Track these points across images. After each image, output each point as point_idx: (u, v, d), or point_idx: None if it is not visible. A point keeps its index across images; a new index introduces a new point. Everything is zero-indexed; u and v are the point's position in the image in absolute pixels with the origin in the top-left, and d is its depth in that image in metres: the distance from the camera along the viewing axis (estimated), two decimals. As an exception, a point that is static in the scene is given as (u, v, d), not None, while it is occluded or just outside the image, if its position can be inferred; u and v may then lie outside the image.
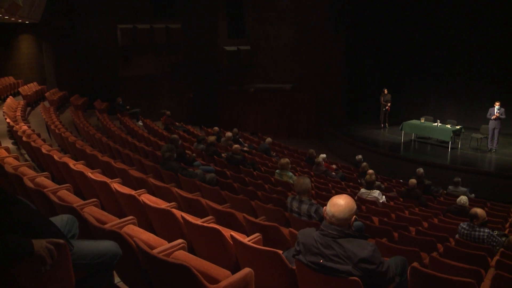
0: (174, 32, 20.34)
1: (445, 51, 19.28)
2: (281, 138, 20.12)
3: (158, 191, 5.95)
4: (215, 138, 11.70)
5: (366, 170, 11.32)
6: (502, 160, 14.64)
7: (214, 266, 3.02)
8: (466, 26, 18.36)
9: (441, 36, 19.19)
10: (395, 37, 20.45)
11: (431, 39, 19.55)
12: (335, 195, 3.16)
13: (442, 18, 19.00)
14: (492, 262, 5.18)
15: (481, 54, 18.10)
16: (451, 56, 19.09)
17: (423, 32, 19.66)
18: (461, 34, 18.57)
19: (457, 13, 18.50)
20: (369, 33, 20.72)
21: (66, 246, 2.54)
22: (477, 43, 18.17)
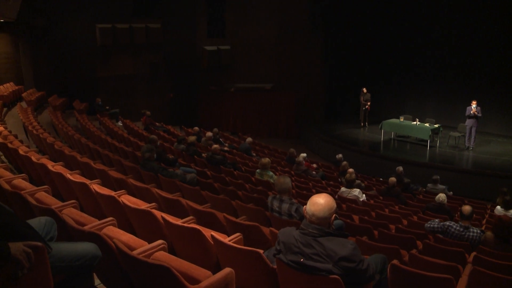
0: (154, 32, 20.19)
1: (423, 51, 19.52)
2: (261, 137, 20.15)
3: (138, 192, 5.91)
4: (195, 138, 11.66)
5: (346, 169, 11.38)
6: (479, 158, 14.88)
7: (195, 267, 3.01)
8: (444, 26, 18.64)
9: (420, 36, 19.42)
10: (374, 37, 20.63)
11: (410, 39, 19.76)
12: (315, 194, 3.17)
13: (420, 18, 19.21)
14: (469, 258, 5.26)
15: (458, 54, 18.37)
16: (430, 55, 19.34)
17: (402, 32, 19.86)
18: (439, 34, 18.84)
19: (435, 13, 18.75)
20: (349, 33, 20.86)
21: (44, 249, 2.49)
22: (455, 44, 18.44)
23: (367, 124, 19.35)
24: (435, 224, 6.05)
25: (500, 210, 8.89)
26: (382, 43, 20.57)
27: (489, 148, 15.99)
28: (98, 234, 3.06)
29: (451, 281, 3.74)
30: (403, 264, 4.24)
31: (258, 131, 21.35)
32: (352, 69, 21.48)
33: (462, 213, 5.98)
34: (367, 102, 18.87)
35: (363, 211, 7.77)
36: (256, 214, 5.68)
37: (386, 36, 20.36)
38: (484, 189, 12.97)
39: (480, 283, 4.32)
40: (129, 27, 19.45)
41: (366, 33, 20.67)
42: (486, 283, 4.31)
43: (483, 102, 15.51)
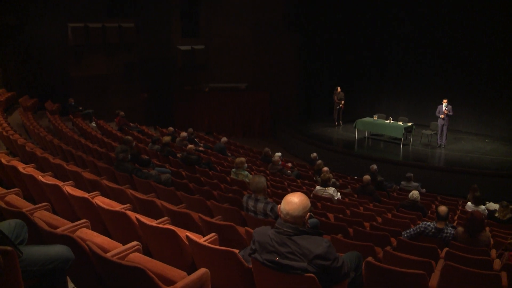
0: (128, 31, 19.98)
1: (396, 51, 19.82)
2: (236, 137, 20.14)
3: (113, 193, 5.85)
4: (169, 138, 11.59)
5: (321, 167, 11.45)
6: (450, 156, 15.16)
7: (170, 268, 3.00)
8: (416, 26, 18.92)
9: (392, 36, 19.71)
10: (348, 36, 20.82)
11: (383, 39, 20.05)
12: (289, 193, 3.18)
13: (392, 18, 19.48)
14: (442, 253, 5.36)
15: (430, 53, 18.69)
16: (402, 55, 19.65)
17: (376, 31, 20.13)
18: (411, 34, 19.12)
19: (406, 13, 19.01)
20: (323, 32, 21.00)
21: (14, 253, 2.44)
22: (426, 43, 18.74)
23: (341, 123, 19.50)
24: (411, 231, 6.11)
25: (471, 206, 9.09)
26: (356, 43, 20.78)
27: (460, 145, 16.31)
28: (71, 236, 3.02)
29: (424, 276, 3.81)
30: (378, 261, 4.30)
31: (233, 131, 21.33)
32: (326, 68, 21.64)
33: (439, 214, 6.05)
34: (341, 101, 19.01)
35: (338, 209, 7.84)
36: (231, 214, 5.67)
37: (359, 36, 20.58)
38: (455, 186, 13.24)
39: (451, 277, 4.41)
40: (102, 26, 19.20)
41: (340, 32, 20.84)
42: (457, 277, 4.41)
43: (454, 101, 15.82)
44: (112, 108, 18.08)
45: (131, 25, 19.99)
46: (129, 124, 15.82)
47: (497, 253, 5.70)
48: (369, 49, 20.56)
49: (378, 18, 19.86)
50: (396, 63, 19.88)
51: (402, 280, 3.89)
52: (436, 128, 15.83)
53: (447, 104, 15.11)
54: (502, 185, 12.94)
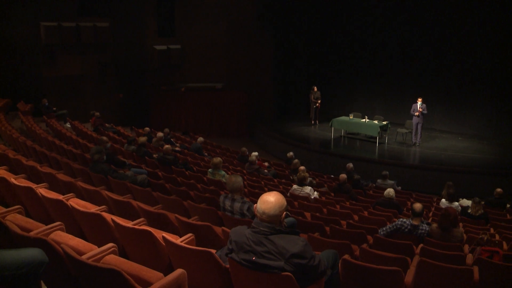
0: (102, 31, 19.73)
1: (371, 50, 20.02)
2: (213, 137, 20.09)
3: (88, 195, 5.79)
4: (145, 138, 11.51)
5: (297, 166, 11.49)
6: (425, 153, 15.39)
7: (147, 269, 2.98)
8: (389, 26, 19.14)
9: (368, 35, 19.90)
10: (324, 35, 20.99)
11: (358, 38, 20.23)
12: (265, 193, 3.20)
13: (367, 18, 19.68)
14: (417, 250, 5.44)
15: (405, 52, 18.94)
16: (378, 54, 19.84)
17: (351, 31, 20.31)
18: (386, 34, 19.32)
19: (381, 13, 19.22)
20: (299, 31, 21.11)
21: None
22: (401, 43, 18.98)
23: (317, 122, 19.61)
24: (388, 228, 6.18)
25: (445, 203, 9.24)
26: (332, 42, 20.95)
27: (435, 143, 16.57)
28: (45, 239, 2.98)
29: (399, 272, 3.86)
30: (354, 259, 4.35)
31: (210, 131, 21.28)
32: (303, 68, 21.75)
33: (414, 211, 6.15)
34: (317, 100, 19.12)
35: (315, 208, 7.88)
36: (208, 214, 5.66)
37: (335, 35, 20.75)
38: (430, 183, 13.45)
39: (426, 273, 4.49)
40: (75, 25, 18.91)
41: (315, 31, 21.00)
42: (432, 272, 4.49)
43: (428, 100, 16.08)
44: (87, 108, 17.88)
45: (106, 24, 19.75)
46: (105, 124, 15.66)
47: (469, 248, 5.82)
48: (345, 48, 20.75)
49: (353, 17, 20.04)
50: (371, 62, 20.09)
51: (378, 277, 3.94)
52: (411, 126, 16.05)
53: (422, 102, 15.36)
54: (474, 182, 13.20)
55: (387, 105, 19.77)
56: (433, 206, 10.21)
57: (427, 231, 6.04)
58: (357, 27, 20.08)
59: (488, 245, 5.72)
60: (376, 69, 19.99)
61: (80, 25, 18.99)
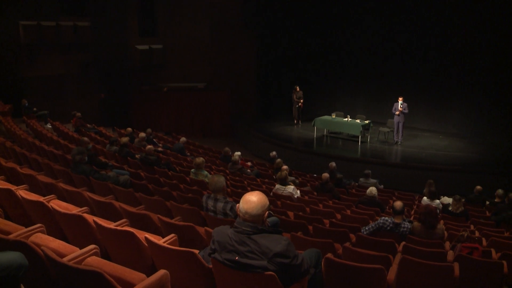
0: (83, 30, 19.56)
1: (353, 50, 20.12)
2: (195, 137, 20.03)
3: (69, 196, 5.73)
4: (128, 139, 11.44)
5: (280, 166, 11.51)
6: (406, 152, 15.54)
7: (129, 270, 2.96)
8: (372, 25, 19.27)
9: (350, 35, 20.00)
10: (306, 35, 21.03)
11: (340, 38, 20.32)
12: (247, 192, 3.20)
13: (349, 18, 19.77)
14: (399, 247, 5.49)
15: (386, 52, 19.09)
16: (359, 54, 19.96)
17: (333, 31, 20.39)
18: (368, 33, 19.45)
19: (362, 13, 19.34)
20: (281, 31, 21.12)
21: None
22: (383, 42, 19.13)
23: (300, 121, 19.66)
24: (370, 227, 6.22)
25: (427, 201, 9.33)
26: (314, 42, 21.01)
27: (416, 142, 16.74)
28: (25, 242, 2.94)
29: (382, 270, 3.89)
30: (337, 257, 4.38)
31: (192, 131, 21.22)
32: (285, 68, 21.77)
33: (395, 209, 6.20)
34: (300, 99, 19.16)
35: (297, 207, 7.90)
36: (191, 214, 5.65)
37: (317, 35, 20.81)
38: (412, 181, 13.57)
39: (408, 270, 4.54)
40: (56, 24, 18.71)
41: (298, 31, 21.03)
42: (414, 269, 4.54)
43: (410, 99, 16.23)
44: (68, 109, 17.66)
45: (87, 23, 19.58)
46: (86, 125, 15.52)
47: (450, 245, 5.90)
48: (327, 48, 20.82)
49: (335, 17, 20.11)
50: (353, 62, 20.20)
51: (361, 275, 3.97)
52: (393, 125, 16.21)
53: (403, 101, 15.51)
54: (455, 180, 13.39)
55: (369, 104, 19.92)
56: (415, 204, 10.32)
57: (409, 229, 6.10)
58: (339, 27, 20.17)
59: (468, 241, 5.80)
60: (358, 68, 20.12)
61: (60, 24, 18.80)
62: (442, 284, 4.59)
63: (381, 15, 18.85)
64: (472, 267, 5.11)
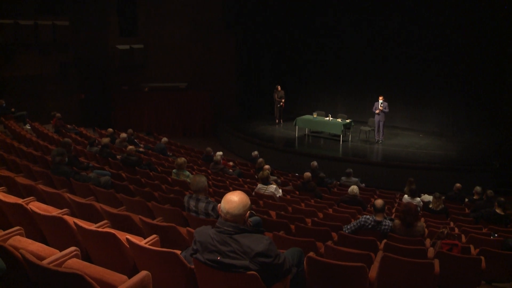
0: (62, 30, 19.26)
1: (334, 49, 20.24)
2: (177, 137, 19.95)
3: (49, 198, 5.66)
4: (109, 139, 11.35)
5: (262, 165, 11.53)
6: (387, 151, 15.68)
7: (110, 272, 2.93)
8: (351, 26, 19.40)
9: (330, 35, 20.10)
10: (287, 35, 21.10)
11: (321, 38, 20.41)
12: (229, 192, 3.20)
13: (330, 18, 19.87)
14: (381, 245, 5.54)
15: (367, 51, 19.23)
16: (340, 53, 20.07)
17: (314, 31, 20.48)
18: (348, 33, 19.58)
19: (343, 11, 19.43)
20: (262, 31, 21.15)
21: None
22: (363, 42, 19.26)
23: (281, 121, 19.67)
24: (352, 225, 6.26)
25: (407, 198, 9.43)
26: (295, 42, 21.09)
27: (397, 140, 16.90)
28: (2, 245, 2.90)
29: (363, 268, 3.92)
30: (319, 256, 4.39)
31: (174, 131, 21.13)
32: (267, 67, 21.82)
33: (375, 207, 6.24)
34: (281, 99, 19.18)
35: (280, 207, 7.91)
36: (172, 215, 5.63)
37: (298, 35, 20.89)
38: (393, 180, 13.71)
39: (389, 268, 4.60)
40: (33, 23, 18.38)
41: (279, 31, 21.08)
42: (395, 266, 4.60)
43: (390, 98, 16.40)
44: (47, 109, 17.43)
45: (66, 23, 19.31)
46: (66, 126, 15.34)
47: (431, 242, 5.97)
48: (307, 47, 20.93)
49: (316, 18, 20.20)
50: (335, 61, 20.30)
51: (343, 273, 4.00)
52: (374, 124, 16.34)
53: (383, 101, 15.66)
54: (435, 178, 13.57)
55: (350, 103, 20.05)
56: (396, 202, 10.42)
57: (390, 227, 6.15)
58: (320, 27, 20.26)
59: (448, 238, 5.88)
60: (339, 68, 20.22)
61: (38, 23, 18.47)
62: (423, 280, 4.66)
63: (362, 15, 18.97)
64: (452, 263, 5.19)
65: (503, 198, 8.62)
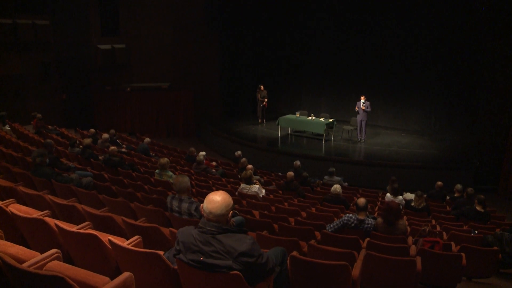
0: (43, 29, 18.99)
1: (316, 49, 20.32)
2: (160, 137, 19.88)
3: (30, 200, 5.59)
4: (91, 140, 11.25)
5: (245, 165, 11.52)
6: (370, 150, 15.79)
7: (92, 274, 2.90)
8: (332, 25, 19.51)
9: (312, 34, 20.20)
10: (270, 35, 21.12)
11: (303, 38, 20.49)
12: (211, 192, 3.20)
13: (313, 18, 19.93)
14: (363, 243, 5.58)
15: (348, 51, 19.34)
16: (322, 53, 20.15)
17: (296, 30, 20.56)
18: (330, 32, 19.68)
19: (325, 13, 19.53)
20: (245, 30, 21.14)
21: None
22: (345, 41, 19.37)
23: (264, 120, 19.69)
24: (335, 224, 6.29)
25: (390, 197, 9.51)
26: (277, 41, 21.12)
27: (379, 139, 17.03)
28: (-19, 249, 2.86)
29: (346, 266, 3.95)
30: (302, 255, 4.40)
31: (157, 131, 21.04)
32: (249, 67, 21.80)
33: (358, 206, 6.27)
34: (264, 99, 19.19)
35: (263, 206, 7.93)
36: (155, 215, 5.60)
37: (280, 34, 20.92)
38: (376, 179, 13.84)
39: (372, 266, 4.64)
40: (12, 22, 18.12)
41: (261, 30, 21.09)
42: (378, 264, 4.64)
43: (372, 98, 16.53)
44: (28, 110, 17.22)
45: (46, 22, 19.05)
46: (47, 126, 15.17)
47: (413, 240, 6.03)
48: (290, 47, 20.97)
49: (298, 16, 20.27)
50: (317, 61, 20.37)
51: (326, 271, 4.01)
52: (356, 123, 16.44)
53: (365, 100, 15.76)
54: (417, 176, 13.71)
55: (332, 103, 20.15)
56: (378, 201, 10.50)
57: (373, 225, 6.20)
58: (302, 27, 20.33)
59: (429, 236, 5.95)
60: (321, 68, 20.30)
61: (17, 22, 18.20)
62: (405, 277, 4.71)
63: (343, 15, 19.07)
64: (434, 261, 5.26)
65: (483, 195, 8.75)
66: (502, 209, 11.25)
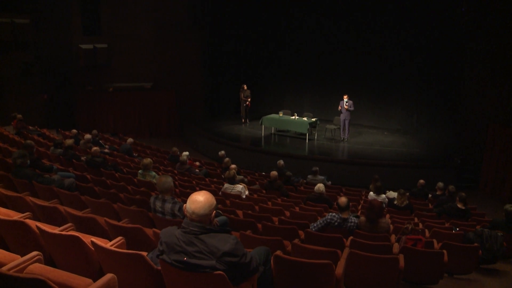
0: (22, 28, 18.71)
1: (298, 49, 20.38)
2: (143, 137, 19.77)
3: (10, 202, 5.52)
4: (73, 141, 11.16)
5: (229, 165, 11.53)
6: (353, 149, 15.89)
7: (75, 276, 2.88)
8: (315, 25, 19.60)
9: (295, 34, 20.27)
10: (252, 35, 21.11)
11: (286, 37, 20.53)
12: (194, 192, 3.19)
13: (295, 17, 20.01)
14: (347, 242, 5.62)
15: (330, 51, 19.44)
16: (305, 52, 20.22)
17: (279, 30, 20.59)
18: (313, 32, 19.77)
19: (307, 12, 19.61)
20: (228, 30, 21.11)
21: None
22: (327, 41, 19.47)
23: (248, 120, 19.69)
24: (318, 224, 6.31)
25: (373, 195, 9.58)
26: (260, 41, 21.13)
27: (362, 138, 17.15)
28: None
29: (330, 265, 3.97)
30: (286, 254, 4.42)
31: (139, 131, 20.90)
32: (232, 66, 21.77)
33: (339, 206, 6.32)
34: (247, 98, 19.19)
35: (247, 206, 7.93)
36: (138, 216, 5.57)
37: (264, 34, 20.94)
38: (359, 177, 13.93)
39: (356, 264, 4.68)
40: (-10, 21, 17.86)
41: (244, 30, 21.07)
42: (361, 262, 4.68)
43: (354, 96, 16.61)
44: (8, 110, 16.97)
45: (26, 21, 18.79)
46: (28, 127, 14.97)
47: (396, 238, 6.09)
48: (273, 47, 21.01)
49: (281, 17, 20.32)
50: (300, 60, 20.44)
51: (310, 270, 4.03)
52: (339, 122, 16.53)
53: (348, 99, 15.86)
54: (399, 174, 13.83)
55: (315, 102, 20.24)
56: (362, 199, 10.57)
57: (356, 224, 6.24)
58: (284, 26, 20.41)
59: (412, 233, 6.01)
60: (304, 67, 20.38)
61: (-4, 21, 17.93)
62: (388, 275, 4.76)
63: (326, 15, 19.19)
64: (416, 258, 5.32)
65: (464, 193, 8.88)
66: (482, 206, 11.40)
